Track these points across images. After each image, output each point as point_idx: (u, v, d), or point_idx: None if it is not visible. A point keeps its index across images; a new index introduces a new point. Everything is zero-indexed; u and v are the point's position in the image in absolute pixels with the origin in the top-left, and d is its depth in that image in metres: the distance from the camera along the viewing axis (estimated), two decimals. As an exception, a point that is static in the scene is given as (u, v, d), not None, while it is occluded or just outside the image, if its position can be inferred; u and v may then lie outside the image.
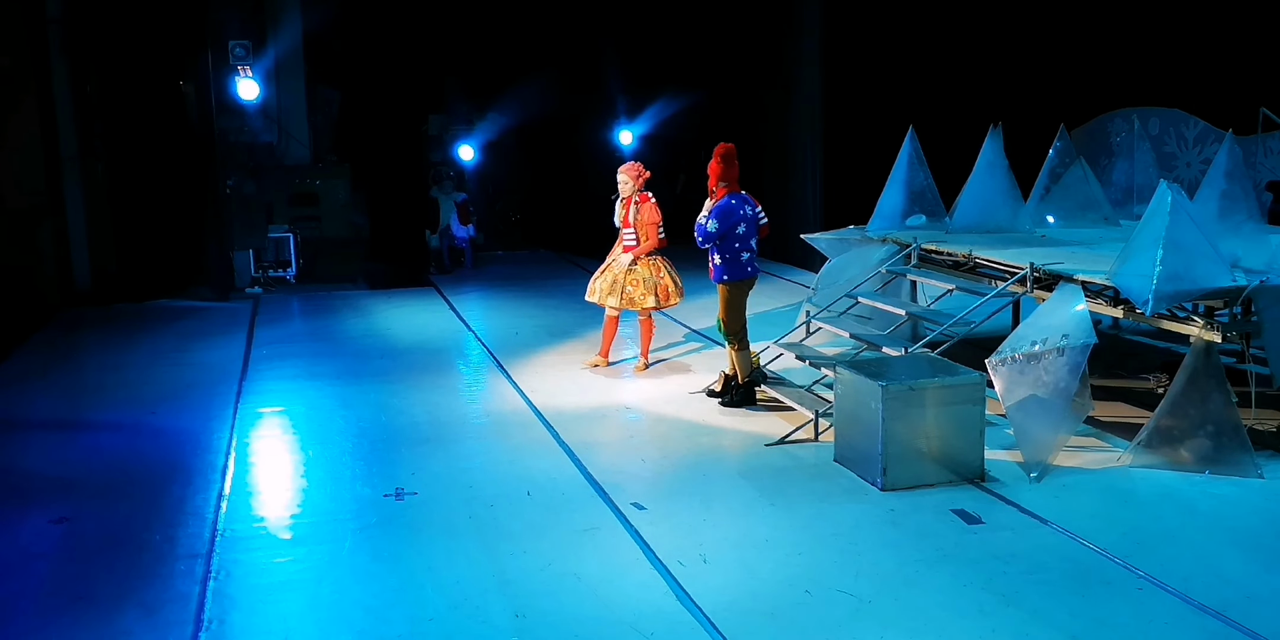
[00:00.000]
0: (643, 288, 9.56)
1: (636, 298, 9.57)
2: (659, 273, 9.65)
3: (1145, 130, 11.07)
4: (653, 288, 9.58)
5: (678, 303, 9.83)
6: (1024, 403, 7.11)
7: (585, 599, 5.42)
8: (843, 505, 6.62)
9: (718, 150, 8.68)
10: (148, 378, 10.05)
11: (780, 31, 15.81)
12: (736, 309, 8.68)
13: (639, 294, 9.56)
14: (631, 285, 9.57)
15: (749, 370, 8.72)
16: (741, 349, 8.70)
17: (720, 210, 8.54)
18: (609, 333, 9.93)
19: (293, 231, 15.44)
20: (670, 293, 9.66)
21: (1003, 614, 5.21)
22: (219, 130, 14.30)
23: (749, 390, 8.72)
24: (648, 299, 9.57)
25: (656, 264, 9.68)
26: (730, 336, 8.68)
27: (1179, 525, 6.32)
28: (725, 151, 8.65)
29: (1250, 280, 6.97)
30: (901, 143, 10.08)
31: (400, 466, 7.46)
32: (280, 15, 15.83)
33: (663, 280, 9.64)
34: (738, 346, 8.69)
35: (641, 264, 9.60)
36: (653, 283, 9.58)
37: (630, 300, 9.58)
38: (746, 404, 8.69)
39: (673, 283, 9.69)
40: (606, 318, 9.91)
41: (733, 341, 8.69)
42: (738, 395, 8.72)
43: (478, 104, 18.77)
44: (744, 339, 8.73)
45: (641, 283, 9.57)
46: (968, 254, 8.98)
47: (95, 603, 5.46)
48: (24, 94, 12.83)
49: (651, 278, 9.60)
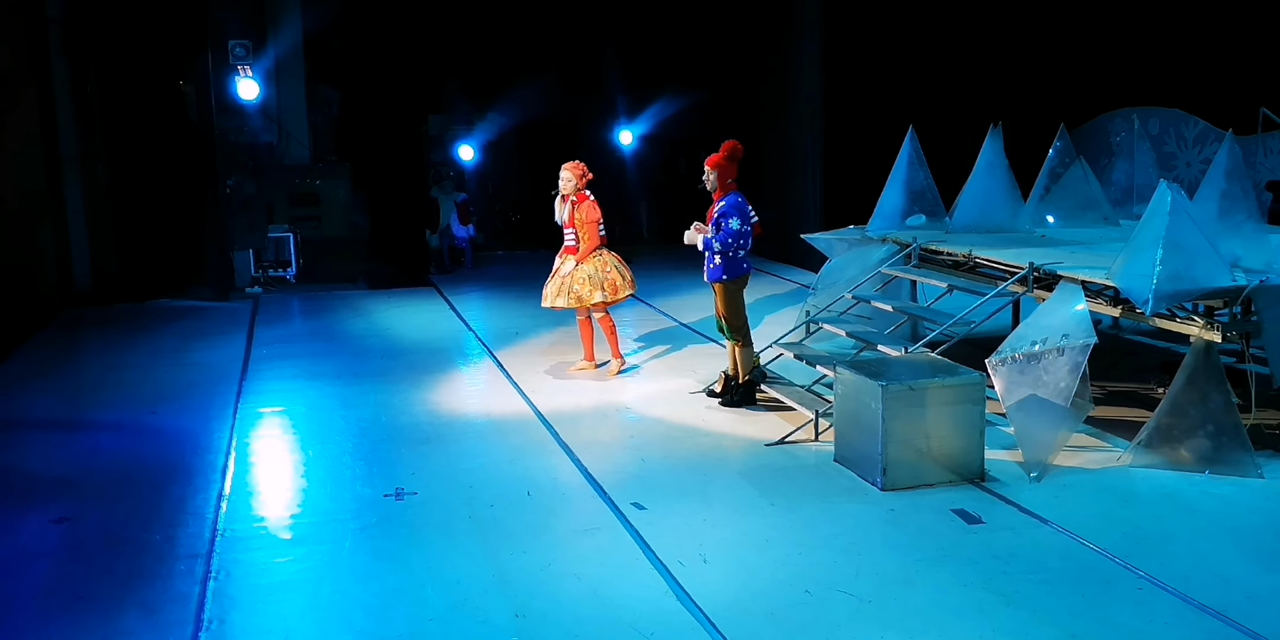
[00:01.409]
0: (589, 284, 9.52)
1: (584, 295, 9.53)
2: (605, 267, 9.60)
3: (1145, 130, 11.07)
4: (599, 283, 9.53)
5: (628, 296, 9.78)
6: (1024, 403, 7.11)
7: (585, 599, 5.42)
8: (843, 505, 6.62)
9: (728, 146, 8.64)
10: (148, 378, 10.05)
11: (780, 31, 15.81)
12: (738, 306, 8.69)
13: (586, 291, 9.53)
14: (578, 284, 9.54)
15: (750, 368, 8.72)
16: (746, 345, 8.70)
17: (734, 207, 8.53)
18: (585, 334, 9.93)
19: (293, 231, 15.44)
20: (619, 286, 9.62)
21: (1003, 614, 5.21)
22: (219, 130, 14.30)
23: (750, 389, 8.72)
24: (595, 294, 9.53)
25: (603, 259, 9.63)
26: (735, 333, 8.67)
27: (1179, 525, 6.32)
28: (735, 149, 8.64)
29: (1250, 280, 6.96)
30: (901, 143, 10.08)
31: (400, 466, 7.46)
32: (280, 15, 15.83)
33: (609, 275, 9.59)
34: (742, 343, 8.69)
35: (587, 262, 9.58)
36: (599, 278, 9.54)
37: (579, 297, 9.54)
38: (746, 403, 8.69)
39: (620, 276, 9.64)
40: (578, 320, 9.90)
41: (738, 338, 8.69)
42: (738, 394, 8.72)
43: (478, 104, 18.77)
44: (748, 336, 8.74)
45: (587, 279, 9.53)
46: (968, 254, 8.98)
47: (95, 603, 5.46)
48: (24, 94, 12.83)
49: (597, 273, 9.55)
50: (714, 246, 8.51)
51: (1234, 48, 11.43)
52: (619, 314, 12.60)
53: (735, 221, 8.47)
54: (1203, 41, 11.69)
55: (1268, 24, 11.14)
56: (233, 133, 15.17)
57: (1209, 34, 11.69)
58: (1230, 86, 11.12)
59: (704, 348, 10.78)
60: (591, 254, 9.56)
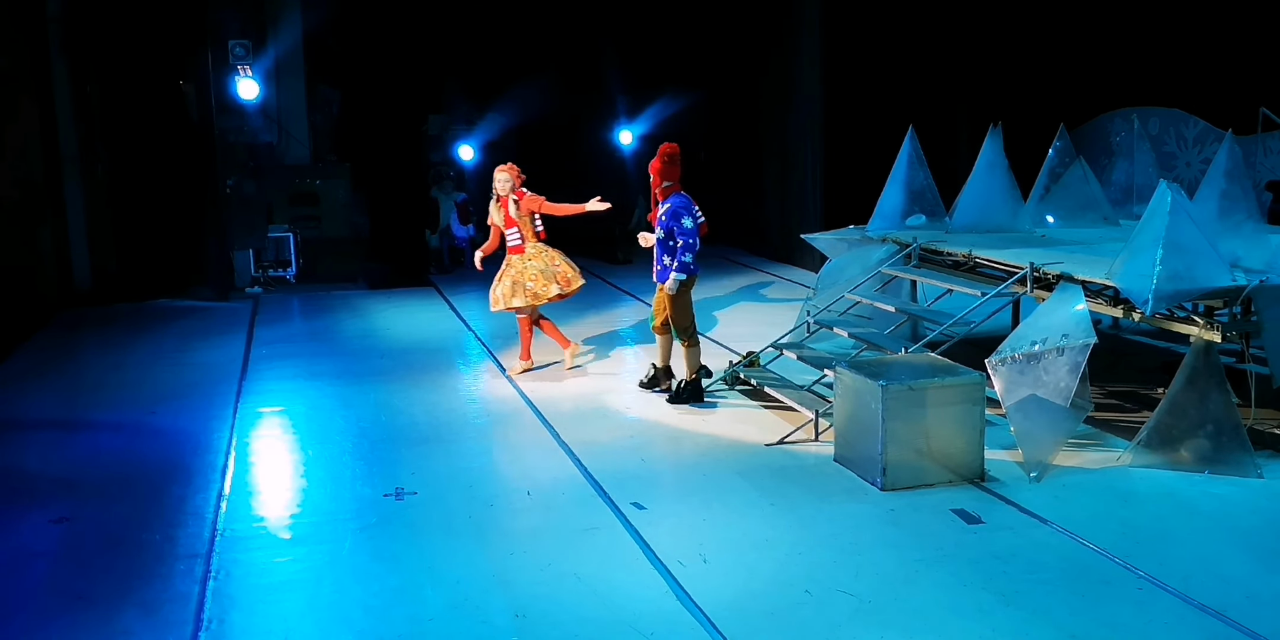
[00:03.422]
0: (542, 279, 9.53)
1: (539, 290, 9.53)
2: (554, 261, 9.62)
3: (1145, 130, 11.07)
4: (552, 276, 9.55)
5: (580, 287, 9.75)
6: (1024, 403, 7.11)
7: (585, 599, 5.42)
8: (843, 505, 6.62)
9: (664, 150, 8.83)
10: (148, 378, 10.05)
11: (780, 31, 15.81)
12: (686, 306, 8.82)
13: (540, 286, 9.53)
14: (531, 280, 9.54)
15: (698, 367, 8.83)
16: (693, 345, 8.83)
17: (681, 207, 8.68)
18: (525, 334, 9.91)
19: (293, 231, 15.44)
20: (570, 278, 9.64)
21: (1003, 614, 5.21)
22: (219, 130, 14.30)
23: (697, 386, 8.82)
24: (551, 288, 9.53)
25: (549, 254, 9.66)
26: (682, 333, 8.80)
27: (1179, 525, 6.32)
28: (672, 152, 8.82)
29: (1250, 280, 6.96)
30: (901, 143, 10.08)
31: (400, 466, 7.46)
32: (280, 15, 15.83)
33: (559, 267, 9.61)
34: (688, 343, 8.80)
35: (534, 257, 9.59)
36: (551, 272, 9.56)
37: (534, 294, 9.53)
38: (695, 400, 8.77)
39: (570, 268, 9.67)
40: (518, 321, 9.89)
41: (684, 338, 8.80)
42: (686, 392, 8.81)
43: (478, 104, 18.77)
44: (694, 335, 8.87)
45: (540, 274, 9.54)
46: (968, 254, 8.98)
47: (95, 603, 5.46)
48: (24, 94, 12.83)
49: (549, 268, 9.58)
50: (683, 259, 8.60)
51: (1234, 48, 11.43)
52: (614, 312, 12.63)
53: (687, 220, 8.63)
54: (1203, 41, 11.69)
55: (1268, 24, 11.14)
56: (233, 133, 15.17)
57: (1209, 34, 11.69)
58: (1230, 86, 11.12)
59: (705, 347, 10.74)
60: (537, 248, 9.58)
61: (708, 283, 14.44)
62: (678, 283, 8.64)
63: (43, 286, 13.04)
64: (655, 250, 8.86)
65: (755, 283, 14.60)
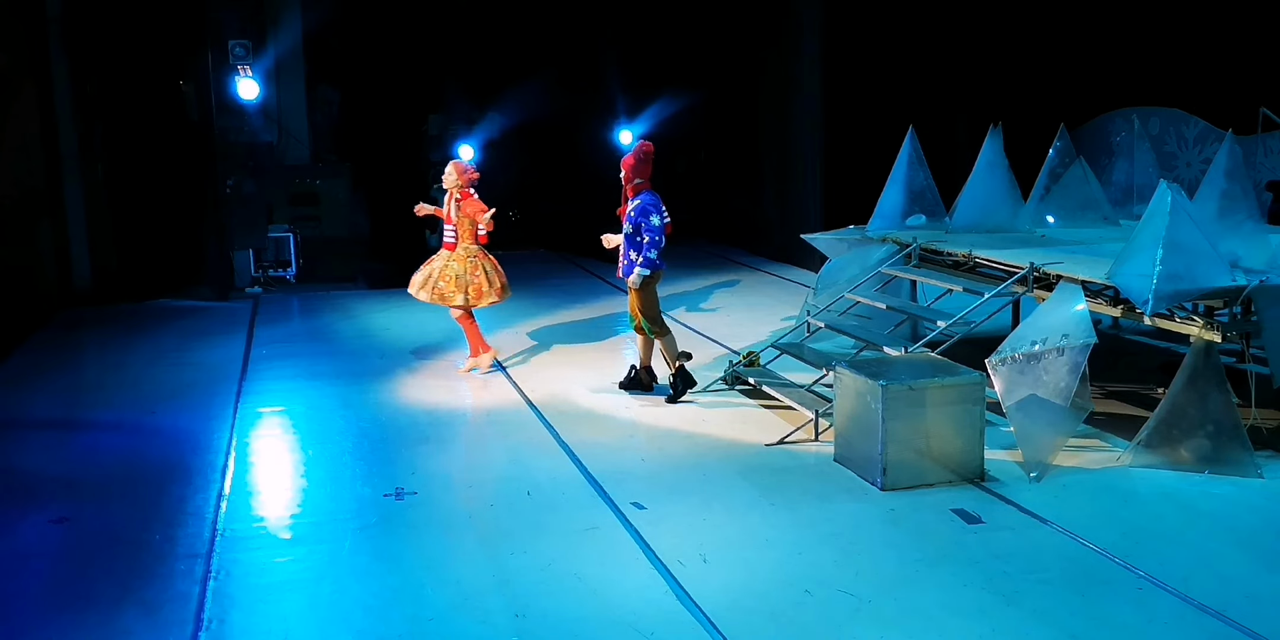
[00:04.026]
0: (453, 284, 9.48)
1: (447, 294, 9.51)
2: (474, 270, 9.53)
3: (1145, 130, 11.07)
4: (464, 285, 9.48)
5: (492, 303, 9.69)
6: (1024, 403, 7.11)
7: (585, 599, 5.42)
8: (843, 505, 6.62)
9: (642, 147, 8.94)
10: (148, 377, 10.05)
11: (780, 31, 15.81)
12: (652, 299, 8.87)
13: (449, 290, 9.50)
14: (444, 281, 9.51)
15: (677, 353, 8.89)
16: (664, 333, 8.89)
17: (650, 205, 8.73)
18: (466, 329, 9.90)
19: (293, 231, 15.42)
20: (483, 293, 9.54)
21: (1003, 614, 5.21)
22: (219, 130, 14.29)
23: (685, 374, 8.88)
24: (456, 297, 9.49)
25: (475, 261, 9.58)
26: (652, 324, 8.84)
27: (1179, 525, 6.32)
28: (649, 151, 8.94)
29: (1250, 280, 6.96)
30: (901, 143, 10.08)
31: (400, 466, 7.46)
32: (280, 15, 15.81)
33: (476, 278, 9.52)
34: (660, 332, 8.86)
35: (458, 260, 9.54)
36: (465, 280, 9.49)
37: (441, 296, 9.52)
38: (688, 387, 8.85)
39: (487, 282, 9.55)
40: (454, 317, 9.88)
41: (655, 329, 8.85)
42: (679, 384, 8.86)
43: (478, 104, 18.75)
44: (664, 325, 8.94)
45: (454, 279, 9.49)
46: (968, 254, 8.98)
47: (95, 602, 5.46)
48: (24, 93, 12.83)
49: (465, 275, 9.50)
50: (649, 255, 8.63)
51: (1234, 48, 11.43)
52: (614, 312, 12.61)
53: (655, 217, 8.69)
54: (1203, 41, 11.69)
55: (1268, 24, 11.14)
56: (233, 132, 15.15)
57: (1209, 34, 11.69)
58: (1230, 86, 11.12)
59: (704, 347, 10.77)
60: (471, 254, 9.56)
61: (708, 283, 14.45)
62: (641, 277, 8.70)
63: (42, 286, 13.04)
64: (622, 247, 8.92)
65: (755, 283, 14.60)
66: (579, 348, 10.83)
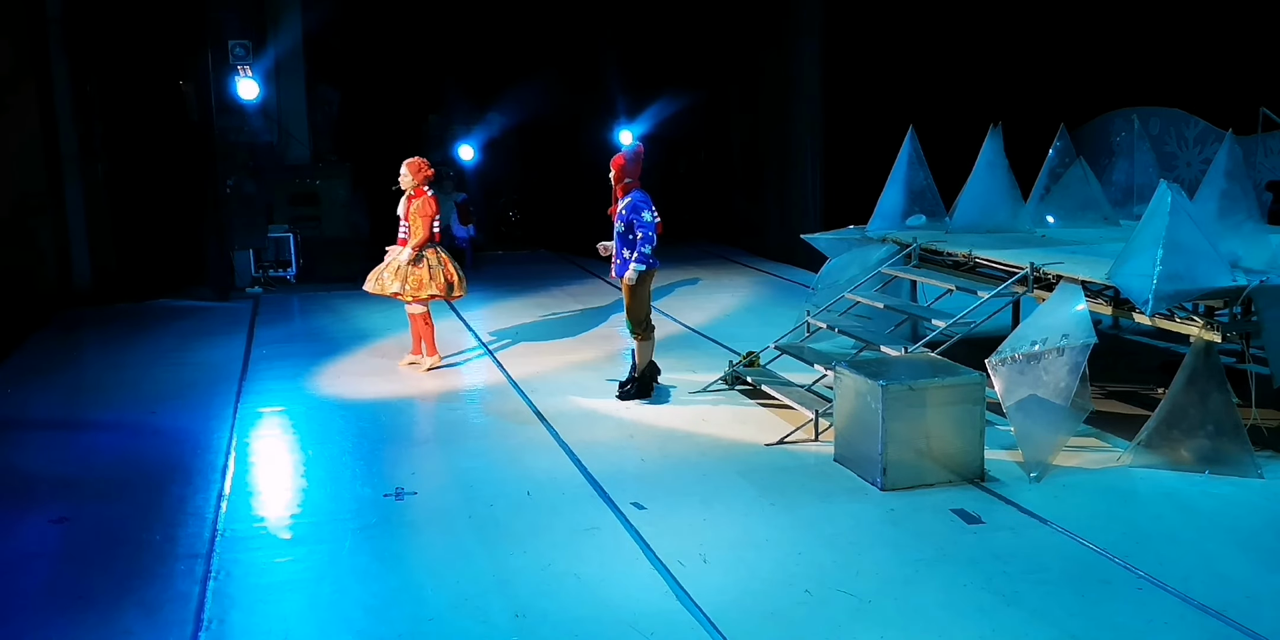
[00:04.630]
0: (396, 274, 9.75)
1: (385, 281, 9.78)
2: (419, 264, 9.78)
3: (1145, 130, 11.06)
4: (404, 276, 9.75)
5: (433, 296, 9.86)
6: (1024, 403, 7.11)
7: (585, 599, 5.42)
8: (843, 505, 6.62)
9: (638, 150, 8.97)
10: (148, 377, 10.05)
11: (780, 31, 15.82)
12: (644, 299, 8.87)
13: (389, 277, 9.78)
14: (388, 271, 9.80)
15: (649, 361, 8.92)
16: (646, 339, 8.90)
17: (641, 202, 8.73)
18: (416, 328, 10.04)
19: (293, 231, 15.43)
20: (423, 284, 9.77)
21: (1003, 614, 5.21)
22: (219, 130, 14.30)
23: (645, 382, 8.91)
24: (392, 285, 9.75)
25: (441, 256, 9.89)
26: (637, 326, 8.84)
27: (1179, 525, 6.32)
28: (640, 152, 8.99)
29: (1250, 280, 6.96)
30: (901, 143, 10.08)
31: (400, 466, 7.46)
32: (280, 15, 15.81)
33: (418, 272, 9.77)
34: (643, 336, 8.87)
35: (429, 253, 9.80)
36: (405, 271, 9.75)
37: (379, 282, 9.79)
38: (642, 396, 8.86)
39: (428, 275, 9.79)
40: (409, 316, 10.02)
41: (638, 331, 8.86)
42: (634, 387, 8.88)
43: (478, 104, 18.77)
44: (649, 330, 8.92)
45: (398, 269, 9.77)
46: (968, 254, 8.98)
47: (95, 603, 5.46)
48: (24, 93, 12.83)
49: (439, 266, 9.80)
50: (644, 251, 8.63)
51: (1234, 48, 11.43)
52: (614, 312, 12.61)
53: (647, 213, 8.69)
54: (1203, 41, 11.69)
55: (1268, 24, 11.15)
56: (233, 132, 15.15)
57: (1209, 34, 11.69)
58: (1230, 86, 11.12)
59: (704, 347, 10.78)
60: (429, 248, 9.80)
61: (708, 283, 14.46)
62: (637, 273, 8.69)
63: (42, 286, 13.04)
64: (614, 245, 8.92)
65: (755, 283, 14.61)
66: (579, 348, 10.83)
